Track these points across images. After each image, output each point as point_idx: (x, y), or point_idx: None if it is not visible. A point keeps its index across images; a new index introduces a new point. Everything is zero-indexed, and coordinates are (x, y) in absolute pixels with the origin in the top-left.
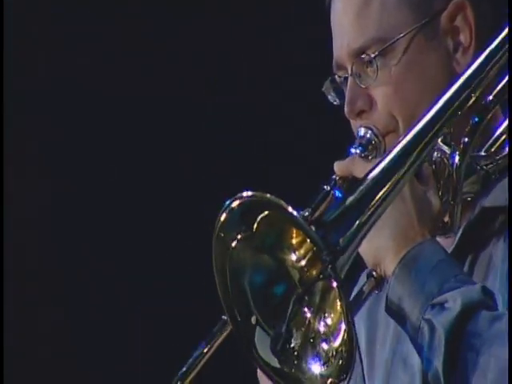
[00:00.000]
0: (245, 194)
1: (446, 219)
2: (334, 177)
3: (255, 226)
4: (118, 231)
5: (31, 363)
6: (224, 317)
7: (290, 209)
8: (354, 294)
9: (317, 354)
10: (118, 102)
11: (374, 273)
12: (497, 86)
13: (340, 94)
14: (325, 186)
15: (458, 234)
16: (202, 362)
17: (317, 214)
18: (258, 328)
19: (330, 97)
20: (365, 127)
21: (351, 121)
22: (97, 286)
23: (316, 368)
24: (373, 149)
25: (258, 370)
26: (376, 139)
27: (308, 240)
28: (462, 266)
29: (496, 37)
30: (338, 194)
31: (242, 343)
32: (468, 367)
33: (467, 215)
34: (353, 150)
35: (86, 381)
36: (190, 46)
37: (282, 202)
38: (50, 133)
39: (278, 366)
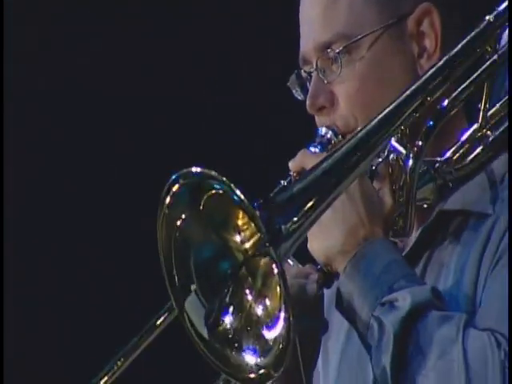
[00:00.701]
0: (193, 169)
1: (400, 222)
2: (290, 173)
3: (202, 203)
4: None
5: (31, 363)
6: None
7: (236, 189)
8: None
9: (254, 341)
10: (116, 101)
11: (325, 269)
12: (454, 91)
13: (304, 90)
14: (281, 181)
15: (415, 237)
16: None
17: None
18: (195, 296)
19: (294, 91)
20: (326, 127)
21: (316, 117)
22: (95, 286)
23: (249, 355)
24: (332, 148)
25: None
26: (336, 139)
27: (252, 223)
28: (413, 267)
29: (457, 43)
30: None
31: (176, 307)
32: (414, 366)
33: (424, 221)
34: (312, 149)
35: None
36: (189, 45)
37: (230, 182)
38: (49, 133)
39: (207, 338)
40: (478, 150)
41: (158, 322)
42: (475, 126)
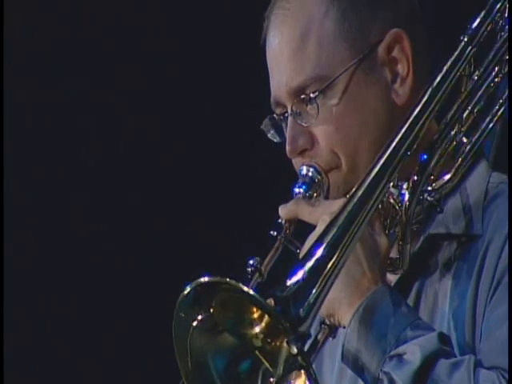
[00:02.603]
0: (202, 279)
1: (397, 256)
2: (279, 221)
3: (212, 308)
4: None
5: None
6: None
7: (246, 289)
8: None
9: None
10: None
11: (327, 320)
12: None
13: (280, 132)
14: (272, 232)
15: None
16: None
17: (276, 290)
18: None
19: (269, 135)
20: (306, 165)
21: (293, 160)
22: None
23: None
24: (316, 186)
25: None
26: (319, 177)
27: (269, 317)
28: (405, 295)
29: (436, 74)
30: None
31: None
32: None
33: (412, 244)
34: (296, 190)
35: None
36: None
37: (238, 283)
38: (47, 132)
39: None
40: (459, 161)
41: None
42: (451, 134)
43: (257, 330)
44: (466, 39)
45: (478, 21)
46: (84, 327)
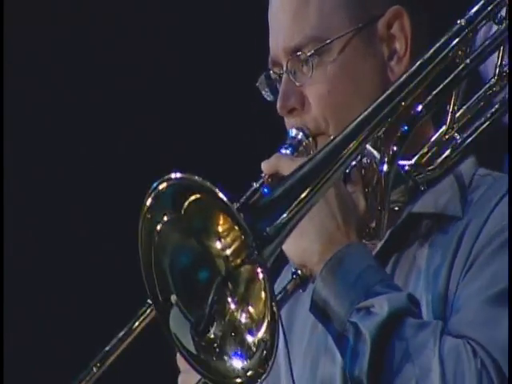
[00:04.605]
0: (173, 175)
1: (373, 225)
2: (262, 175)
3: (183, 208)
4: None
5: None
6: (149, 301)
7: (220, 193)
8: (277, 290)
9: (238, 346)
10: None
11: (299, 271)
12: (427, 96)
13: (274, 91)
14: (253, 183)
15: (384, 238)
16: (123, 345)
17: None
18: (176, 309)
19: (263, 92)
20: (296, 128)
21: (285, 119)
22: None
23: (236, 360)
24: (303, 150)
25: (177, 354)
26: (306, 141)
27: (235, 227)
28: (386, 270)
29: (430, 47)
30: (265, 190)
31: (162, 323)
32: (392, 373)
33: (394, 223)
34: (283, 151)
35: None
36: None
37: (213, 186)
38: (47, 132)
39: (194, 352)
40: (447, 152)
41: (136, 324)
42: (443, 129)
43: (221, 245)
44: (463, 23)
45: (476, 7)
46: (84, 327)
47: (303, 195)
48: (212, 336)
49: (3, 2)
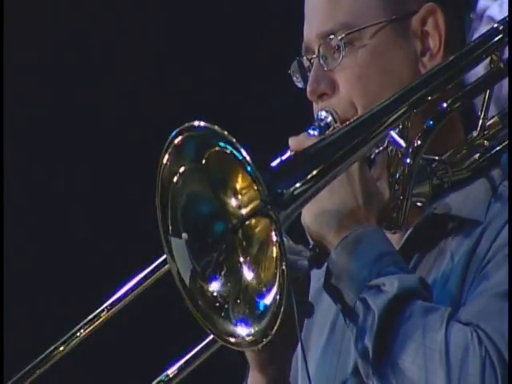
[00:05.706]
0: (196, 123)
1: (394, 215)
2: (288, 151)
3: (205, 158)
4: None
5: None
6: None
7: (241, 148)
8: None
9: (242, 308)
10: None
11: (317, 249)
12: (454, 94)
13: (305, 77)
14: (280, 157)
15: (406, 235)
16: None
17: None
18: (185, 246)
19: (294, 78)
20: (326, 111)
21: (314, 104)
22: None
23: (239, 323)
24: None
25: None
26: (335, 124)
27: (253, 187)
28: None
29: (464, 46)
30: (287, 160)
31: (167, 253)
32: (396, 350)
33: (416, 219)
34: (311, 132)
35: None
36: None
37: (233, 139)
38: (47, 132)
39: (196, 300)
40: (475, 156)
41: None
42: (474, 134)
43: (237, 202)
44: (500, 28)
45: None
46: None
47: (325, 164)
48: (216, 291)
49: (3, 2)
